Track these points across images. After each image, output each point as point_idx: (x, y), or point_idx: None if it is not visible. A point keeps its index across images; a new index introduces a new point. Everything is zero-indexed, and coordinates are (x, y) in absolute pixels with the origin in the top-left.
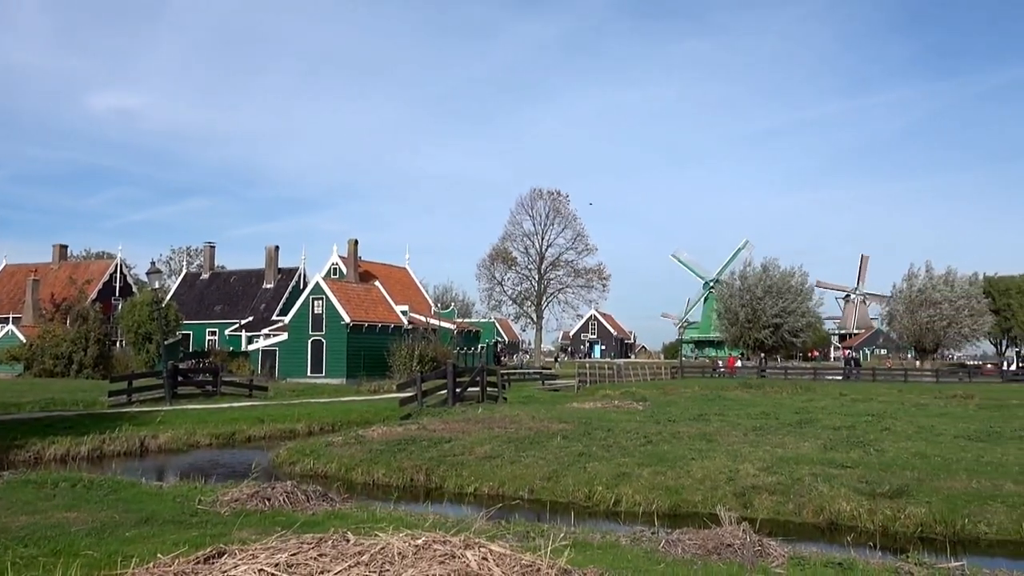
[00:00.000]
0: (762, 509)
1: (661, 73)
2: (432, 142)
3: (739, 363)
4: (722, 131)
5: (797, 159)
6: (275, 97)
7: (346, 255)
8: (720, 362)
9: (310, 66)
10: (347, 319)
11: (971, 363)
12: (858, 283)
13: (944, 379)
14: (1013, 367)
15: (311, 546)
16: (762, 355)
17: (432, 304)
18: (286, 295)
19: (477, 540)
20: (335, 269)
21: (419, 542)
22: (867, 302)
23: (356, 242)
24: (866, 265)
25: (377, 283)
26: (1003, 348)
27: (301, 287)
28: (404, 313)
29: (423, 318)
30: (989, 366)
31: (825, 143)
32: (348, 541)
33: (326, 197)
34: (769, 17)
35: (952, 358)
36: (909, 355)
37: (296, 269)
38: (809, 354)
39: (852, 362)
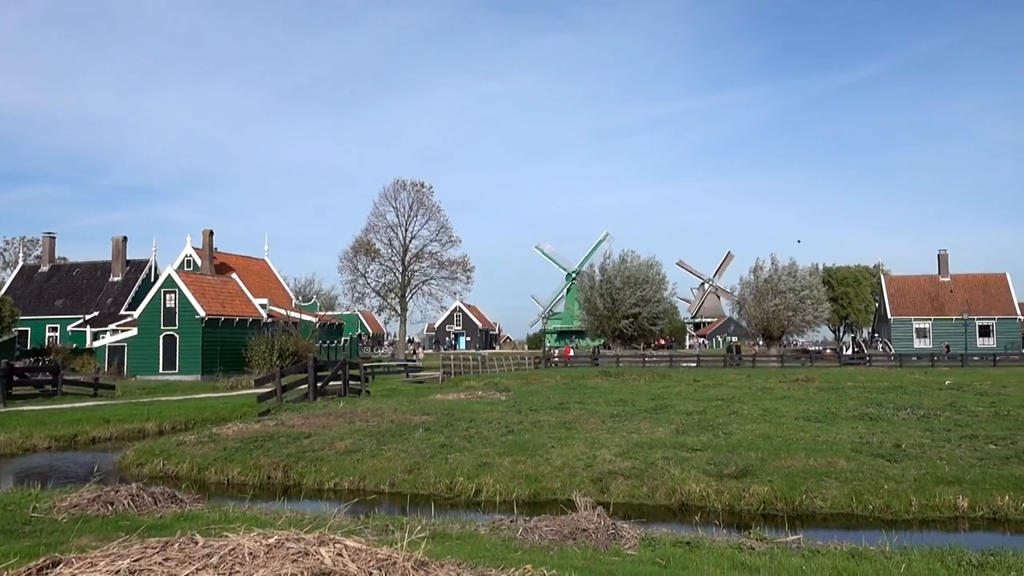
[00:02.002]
0: (618, 493)
1: (524, 66)
2: (295, 131)
3: (572, 352)
4: (584, 125)
5: (656, 154)
6: (125, 81)
7: (201, 247)
8: (556, 351)
9: (164, 49)
10: (202, 313)
11: (812, 349)
12: (715, 275)
13: (788, 364)
14: (849, 352)
15: (156, 550)
16: (596, 346)
17: (293, 297)
18: (135, 289)
19: (332, 536)
20: (189, 261)
21: (271, 541)
22: (718, 295)
23: (211, 233)
24: (729, 262)
25: (234, 276)
26: (841, 334)
27: (152, 280)
28: (263, 306)
29: (283, 311)
30: (828, 351)
31: (683, 138)
32: (196, 543)
33: (180, 186)
34: (630, 14)
35: (796, 344)
36: (760, 342)
37: (146, 261)
38: (657, 343)
39: (734, 347)
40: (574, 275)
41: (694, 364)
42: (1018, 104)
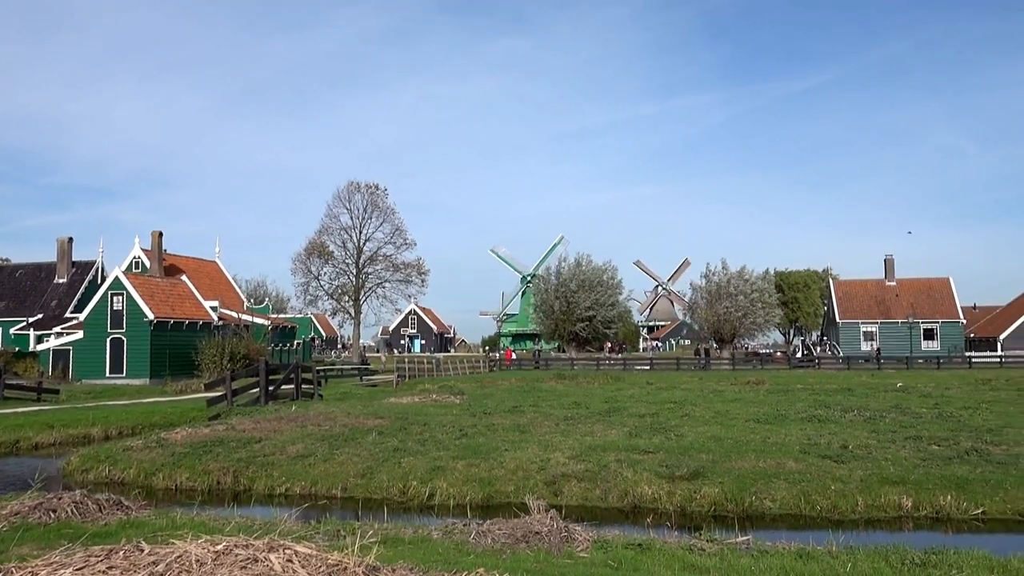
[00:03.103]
0: (571, 496)
1: (482, 69)
2: (249, 132)
3: (515, 355)
4: (542, 128)
5: (613, 157)
6: (75, 78)
7: (150, 248)
8: (498, 355)
9: (115, 47)
10: (151, 316)
11: (763, 351)
12: (669, 279)
13: (739, 367)
14: (799, 354)
15: (99, 559)
16: (536, 349)
17: (245, 299)
18: (82, 291)
19: (282, 542)
20: (137, 263)
21: (219, 547)
22: (670, 299)
23: (161, 234)
24: (685, 269)
25: (184, 278)
26: (791, 337)
27: (99, 282)
28: (214, 309)
29: (235, 314)
30: (779, 354)
31: (639, 142)
32: (142, 551)
33: (130, 186)
34: (589, 18)
35: (747, 347)
36: (713, 345)
37: (93, 263)
38: (605, 346)
39: (703, 351)
40: (529, 278)
41: (647, 367)
42: (960, 112)
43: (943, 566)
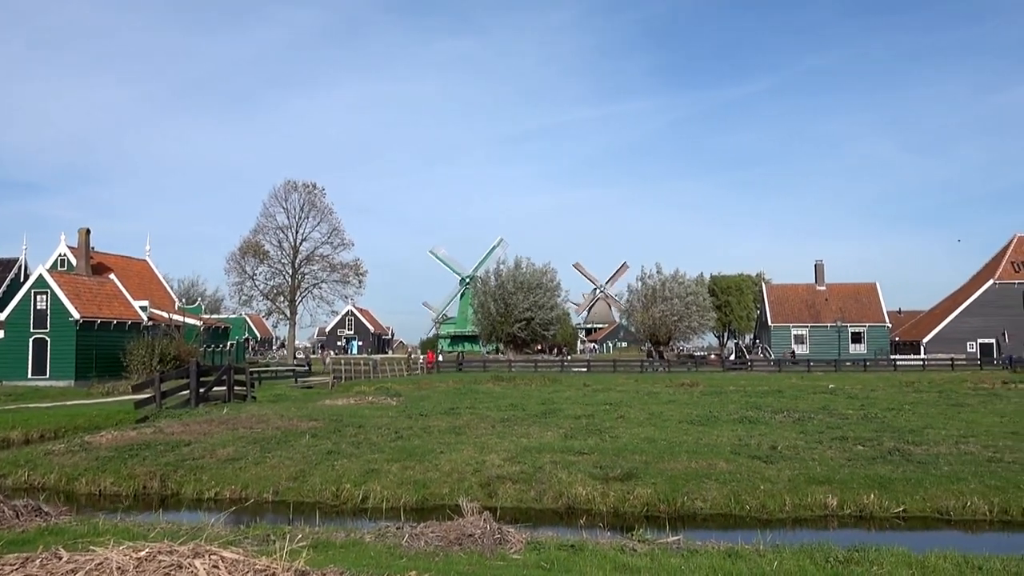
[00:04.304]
0: (506, 498)
1: (425, 70)
2: (182, 128)
3: (440, 357)
4: (484, 130)
5: (554, 161)
6: None
7: (76, 245)
8: (421, 357)
9: (42, 38)
10: (76, 315)
11: (698, 354)
12: (607, 282)
13: (675, 369)
14: (732, 357)
15: (15, 567)
16: (460, 352)
17: (176, 299)
18: (3, 289)
19: (208, 548)
20: (63, 261)
21: (142, 554)
22: (607, 302)
23: (88, 232)
24: (623, 272)
25: (113, 276)
26: (724, 340)
27: (21, 280)
28: (144, 309)
29: (165, 314)
30: (713, 356)
31: (581, 146)
32: (60, 559)
33: (55, 182)
34: (532, 21)
35: (682, 350)
36: (646, 347)
37: (16, 260)
38: (538, 348)
39: (654, 352)
40: (468, 280)
41: (584, 369)
42: (888, 123)
43: (864, 563)
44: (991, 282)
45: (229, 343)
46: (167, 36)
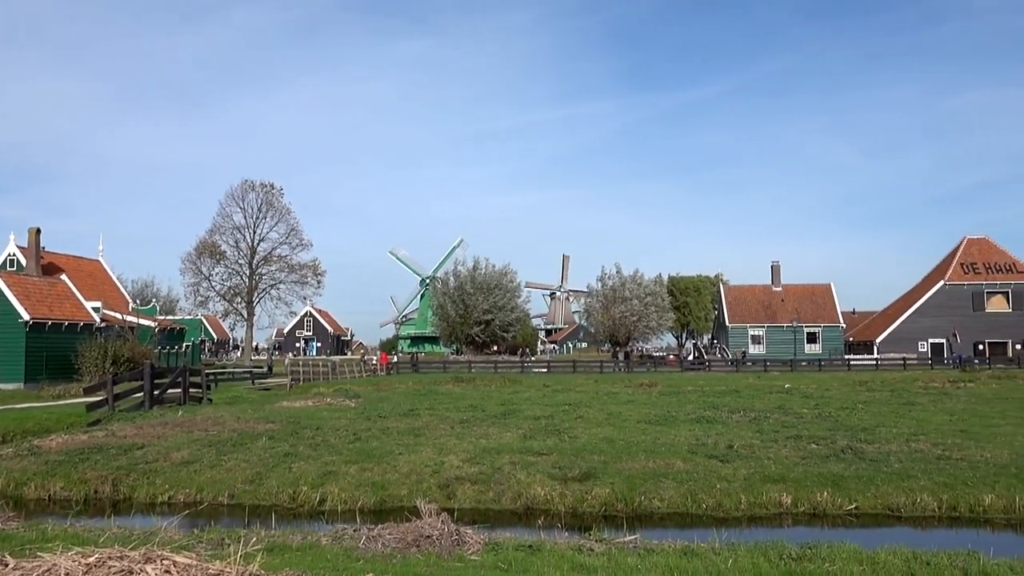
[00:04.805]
0: (465, 499)
1: (385, 70)
2: (138, 127)
3: (395, 358)
4: (444, 131)
5: (514, 162)
6: None
7: (27, 245)
8: (374, 359)
9: None
10: (25, 316)
11: (657, 354)
12: (562, 281)
13: (634, 369)
14: (691, 357)
15: None
16: (414, 352)
17: (130, 300)
18: None
19: (160, 552)
20: (12, 260)
21: (91, 560)
22: (570, 299)
23: (38, 231)
24: (568, 265)
25: (64, 277)
26: (683, 340)
27: None
28: (96, 310)
29: (119, 315)
30: (671, 357)
31: (541, 147)
32: (7, 565)
33: (4, 180)
34: (492, 22)
35: (642, 350)
36: (605, 347)
37: None
38: (493, 348)
39: (622, 353)
40: (428, 281)
41: (544, 370)
42: (842, 126)
43: (817, 560)
44: (941, 283)
45: (185, 345)
46: (121, 32)
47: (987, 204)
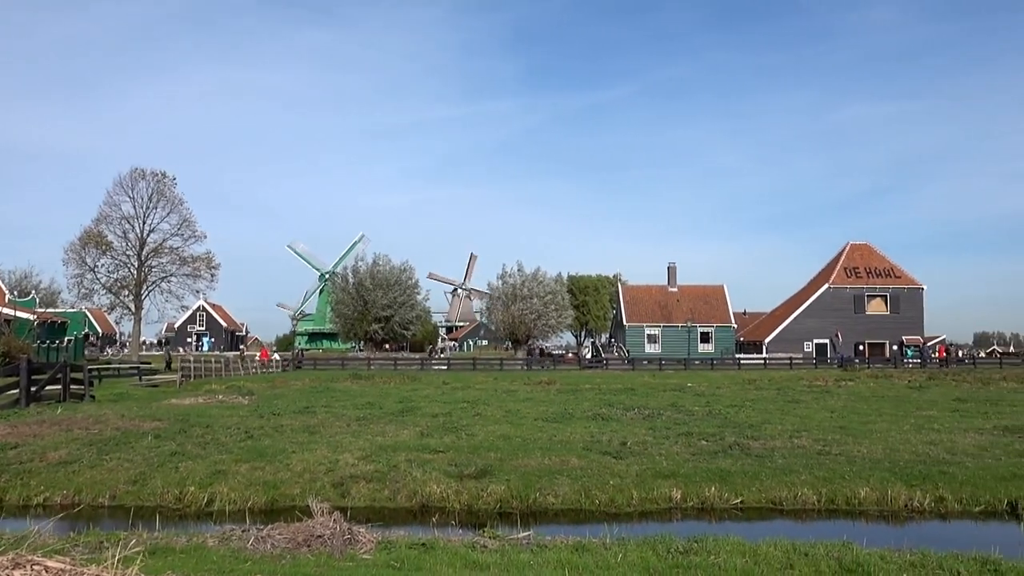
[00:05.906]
0: (359, 497)
1: (285, 59)
2: (17, 110)
3: (277, 356)
4: (347, 124)
5: (417, 158)
6: None
7: None
8: (256, 355)
9: None
10: None
11: (556, 352)
12: (465, 279)
13: (533, 367)
14: (589, 356)
15: None
16: (300, 349)
17: (7, 291)
18: None
19: (30, 557)
20: None
21: None
22: (471, 297)
23: None
24: (474, 263)
25: None
26: (582, 339)
27: None
28: None
29: None
30: (570, 355)
31: (444, 144)
32: None
33: None
34: (399, 15)
35: (540, 348)
36: (507, 345)
37: None
38: (387, 346)
39: (536, 351)
40: (327, 276)
41: (445, 367)
42: (737, 134)
43: (703, 553)
44: (826, 286)
45: (67, 339)
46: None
47: (871, 211)
